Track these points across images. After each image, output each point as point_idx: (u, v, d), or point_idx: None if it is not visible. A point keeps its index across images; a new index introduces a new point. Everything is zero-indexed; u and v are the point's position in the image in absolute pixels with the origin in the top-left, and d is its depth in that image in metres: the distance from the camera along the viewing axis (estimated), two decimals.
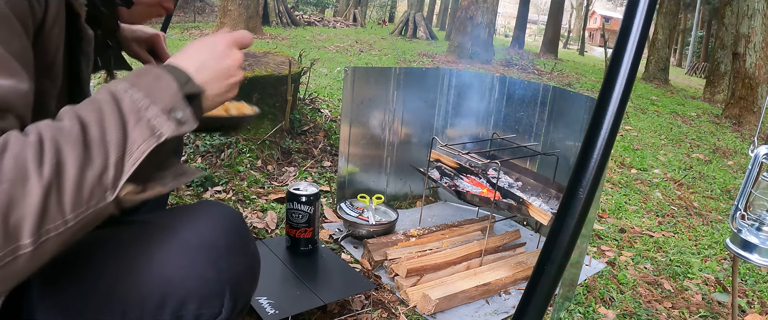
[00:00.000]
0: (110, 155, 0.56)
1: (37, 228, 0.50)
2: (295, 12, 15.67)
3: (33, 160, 0.51)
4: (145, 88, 0.61)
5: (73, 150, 0.53)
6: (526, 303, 0.56)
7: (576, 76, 9.98)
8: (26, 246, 0.50)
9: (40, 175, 0.50)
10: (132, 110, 0.59)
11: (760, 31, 6.66)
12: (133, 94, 0.60)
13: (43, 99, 0.66)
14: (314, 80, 4.82)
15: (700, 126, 6.00)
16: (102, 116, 0.57)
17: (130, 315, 0.68)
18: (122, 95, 0.60)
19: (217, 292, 0.70)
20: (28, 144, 0.52)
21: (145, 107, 0.60)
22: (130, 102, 0.59)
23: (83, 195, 0.53)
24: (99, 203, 0.55)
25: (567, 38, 36.72)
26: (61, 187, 0.52)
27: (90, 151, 0.55)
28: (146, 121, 0.59)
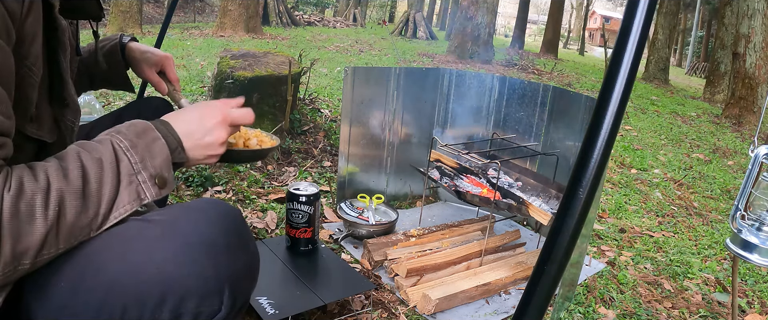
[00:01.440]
0: (101, 207, 0.70)
1: (36, 255, 0.64)
2: (295, 12, 15.67)
3: (41, 206, 0.63)
4: (142, 151, 0.74)
5: (73, 200, 0.66)
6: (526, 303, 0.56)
7: (576, 76, 9.98)
8: (25, 265, 0.64)
9: (46, 219, 0.63)
10: (127, 173, 0.72)
11: (760, 31, 6.66)
12: (131, 157, 0.73)
13: (23, 88, 0.70)
14: (314, 80, 4.82)
15: (700, 126, 6.00)
16: (102, 173, 0.70)
17: (130, 312, 0.68)
18: (122, 156, 0.73)
19: (217, 290, 0.70)
20: (38, 190, 0.64)
21: (138, 171, 0.73)
22: (127, 164, 0.72)
23: (74, 233, 0.68)
24: (83, 238, 0.70)
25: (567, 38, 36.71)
26: (59, 228, 0.65)
27: (87, 203, 0.68)
28: (136, 185, 0.73)
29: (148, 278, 0.68)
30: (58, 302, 0.71)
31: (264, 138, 1.25)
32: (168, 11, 2.13)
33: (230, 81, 2.50)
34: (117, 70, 1.23)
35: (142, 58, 1.21)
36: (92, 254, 0.71)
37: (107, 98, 3.43)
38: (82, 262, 0.71)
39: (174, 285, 0.68)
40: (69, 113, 0.86)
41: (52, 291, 0.71)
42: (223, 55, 2.82)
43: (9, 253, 0.61)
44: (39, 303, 0.72)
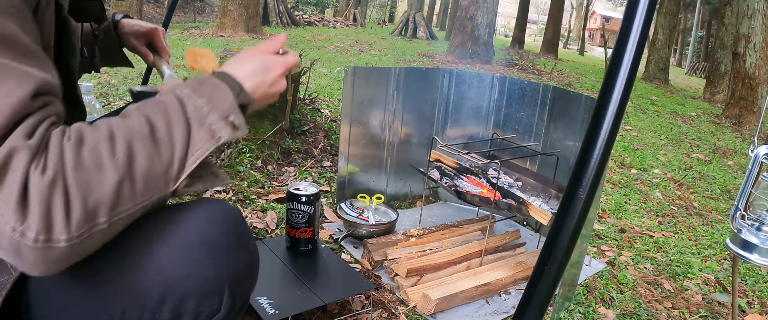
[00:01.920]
0: (175, 152, 0.64)
1: (111, 210, 0.58)
2: (295, 12, 15.67)
3: (107, 152, 0.59)
4: (206, 95, 0.69)
5: (143, 146, 0.61)
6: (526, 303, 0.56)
7: (576, 76, 9.98)
8: (102, 224, 0.58)
9: (115, 166, 0.58)
10: (195, 115, 0.67)
11: (760, 31, 6.66)
12: (196, 100, 0.68)
13: None
14: (314, 80, 4.82)
15: (700, 126, 6.00)
16: (169, 118, 0.65)
17: (130, 312, 0.68)
18: (186, 100, 0.67)
19: (216, 289, 0.70)
20: (102, 137, 0.59)
21: (207, 113, 0.67)
22: (193, 107, 0.67)
23: (151, 184, 0.62)
24: (162, 192, 0.63)
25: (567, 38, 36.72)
26: (133, 177, 0.60)
27: (158, 148, 0.62)
28: (208, 125, 0.67)
29: (147, 278, 0.68)
30: (57, 302, 0.71)
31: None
32: (168, 11, 2.13)
33: None
34: (112, 47, 1.23)
35: (131, 30, 1.22)
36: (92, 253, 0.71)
37: (107, 98, 3.44)
38: (81, 262, 0.71)
39: (174, 284, 0.68)
40: (77, 113, 0.86)
41: (52, 291, 0.71)
42: (223, 55, 2.82)
43: (80, 209, 0.56)
44: (39, 303, 0.72)
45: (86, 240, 0.57)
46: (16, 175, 0.54)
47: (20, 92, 0.56)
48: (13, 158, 0.54)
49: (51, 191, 0.55)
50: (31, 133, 0.56)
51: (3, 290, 0.68)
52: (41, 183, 0.54)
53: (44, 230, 0.54)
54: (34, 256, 0.55)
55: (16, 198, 0.53)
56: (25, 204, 0.54)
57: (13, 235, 0.54)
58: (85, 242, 0.58)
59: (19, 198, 0.53)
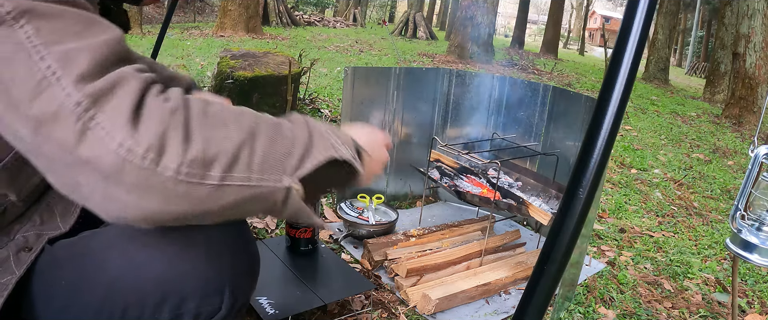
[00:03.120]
0: (296, 147, 0.62)
1: (225, 169, 0.55)
2: (295, 12, 15.67)
3: (233, 115, 0.59)
4: (326, 126, 0.69)
5: (266, 127, 0.61)
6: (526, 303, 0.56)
7: (576, 76, 9.98)
8: (213, 179, 0.54)
9: (240, 128, 0.58)
10: (317, 130, 0.66)
11: (760, 31, 6.66)
12: (318, 125, 0.68)
13: None
14: (314, 80, 4.82)
15: (700, 126, 6.00)
16: (293, 122, 0.65)
17: (130, 312, 0.68)
18: (309, 119, 0.68)
19: (217, 290, 0.70)
20: (226, 105, 0.60)
21: (328, 135, 0.67)
22: (314, 125, 0.67)
23: (269, 163, 0.59)
24: (276, 183, 0.59)
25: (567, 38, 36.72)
26: (254, 148, 0.58)
27: (279, 134, 0.61)
28: (328, 140, 0.66)
29: (148, 277, 0.68)
30: (58, 301, 0.71)
31: None
32: (168, 11, 2.12)
33: (230, 81, 2.50)
34: None
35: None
36: (93, 253, 0.71)
37: None
38: (82, 261, 0.71)
39: (174, 284, 0.68)
40: None
41: (53, 290, 0.71)
42: (223, 55, 2.82)
43: (198, 146, 0.53)
44: (39, 302, 0.72)
45: (191, 188, 0.53)
46: (131, 91, 0.53)
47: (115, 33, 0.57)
48: (128, 78, 0.54)
49: (171, 117, 0.53)
50: (142, 71, 0.56)
51: (5, 291, 0.68)
52: (161, 106, 0.53)
53: (156, 149, 0.51)
54: (136, 178, 0.51)
55: (128, 112, 0.51)
56: (137, 120, 0.52)
57: (118, 151, 0.50)
58: (189, 191, 0.53)
59: (132, 113, 0.52)
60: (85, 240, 0.74)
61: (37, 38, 0.52)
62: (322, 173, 0.64)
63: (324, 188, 0.72)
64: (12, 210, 0.73)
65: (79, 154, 0.51)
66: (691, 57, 23.77)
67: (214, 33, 9.34)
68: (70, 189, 0.54)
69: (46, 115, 0.51)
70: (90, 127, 0.51)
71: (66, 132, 0.50)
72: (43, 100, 0.51)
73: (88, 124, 0.50)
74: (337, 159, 0.65)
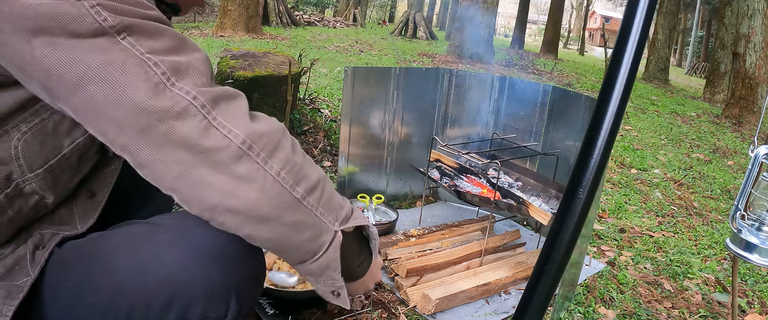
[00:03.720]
0: (345, 204, 0.77)
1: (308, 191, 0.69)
2: (295, 12, 15.67)
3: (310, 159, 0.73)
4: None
5: (328, 180, 0.75)
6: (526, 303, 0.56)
7: (576, 76, 9.98)
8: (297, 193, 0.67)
9: (316, 170, 0.72)
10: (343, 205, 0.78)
11: (760, 31, 6.66)
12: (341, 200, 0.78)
13: None
14: (314, 80, 4.82)
15: (700, 126, 6.00)
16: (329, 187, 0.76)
17: (136, 315, 0.68)
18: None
19: (224, 295, 0.70)
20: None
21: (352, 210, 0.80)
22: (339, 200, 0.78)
23: (330, 206, 0.72)
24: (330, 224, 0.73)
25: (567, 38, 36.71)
26: (325, 188, 0.72)
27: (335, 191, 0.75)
28: (355, 211, 0.80)
29: (155, 281, 0.68)
30: (64, 302, 0.71)
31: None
32: None
33: (230, 81, 2.50)
34: None
35: None
36: (100, 255, 0.71)
37: None
38: (90, 263, 0.71)
39: (181, 289, 0.68)
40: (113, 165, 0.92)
41: (59, 291, 0.71)
42: (223, 55, 2.82)
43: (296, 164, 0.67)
44: (46, 303, 0.72)
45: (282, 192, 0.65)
46: (243, 99, 0.67)
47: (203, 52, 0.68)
48: (236, 92, 0.67)
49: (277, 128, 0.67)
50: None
51: (21, 293, 0.68)
52: (269, 118, 0.68)
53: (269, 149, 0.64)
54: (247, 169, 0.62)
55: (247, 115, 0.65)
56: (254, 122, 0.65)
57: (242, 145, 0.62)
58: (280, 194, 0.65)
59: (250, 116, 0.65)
60: (92, 242, 0.74)
61: (142, 48, 0.60)
62: (353, 238, 0.79)
63: (347, 259, 0.79)
64: (42, 210, 0.73)
65: (202, 144, 0.60)
66: (691, 57, 23.77)
67: (214, 33, 9.33)
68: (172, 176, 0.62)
69: (170, 113, 0.60)
70: (214, 126, 0.61)
71: (191, 127, 0.60)
72: (164, 98, 0.59)
73: (212, 122, 0.61)
74: (368, 227, 0.82)
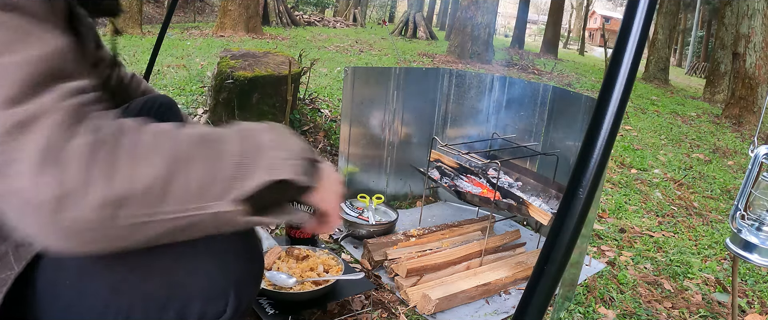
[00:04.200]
0: (234, 169, 0.60)
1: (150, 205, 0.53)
2: (295, 12, 15.67)
3: (165, 145, 0.55)
4: (278, 136, 0.67)
5: (202, 153, 0.58)
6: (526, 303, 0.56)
7: (576, 76, 9.98)
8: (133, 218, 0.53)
9: (169, 159, 0.55)
10: (260, 145, 0.64)
11: (760, 31, 6.66)
12: (266, 135, 0.66)
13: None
14: (314, 80, 4.82)
15: (700, 126, 6.00)
16: (231, 137, 0.63)
17: (135, 313, 0.68)
18: (254, 132, 0.66)
19: (222, 292, 0.70)
20: (166, 130, 0.57)
21: (273, 147, 0.65)
22: (260, 139, 0.65)
23: (201, 191, 0.56)
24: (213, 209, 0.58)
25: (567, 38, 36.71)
26: (187, 176, 0.56)
27: (216, 159, 0.59)
28: (271, 157, 0.64)
29: (153, 279, 0.67)
30: (62, 301, 0.70)
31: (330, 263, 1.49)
32: (168, 11, 2.12)
33: (230, 81, 2.50)
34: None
35: None
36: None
37: None
38: (87, 261, 0.71)
39: (180, 286, 0.68)
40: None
41: (57, 290, 0.71)
42: (223, 55, 2.82)
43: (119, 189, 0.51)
44: (43, 302, 0.71)
45: (107, 230, 0.52)
46: (46, 127, 0.50)
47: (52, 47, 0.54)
48: (48, 111, 0.50)
49: (91, 155, 0.50)
50: (67, 97, 0.52)
51: (4, 286, 0.68)
52: (81, 144, 0.50)
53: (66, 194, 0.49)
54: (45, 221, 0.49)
55: (41, 152, 0.49)
56: (50, 161, 0.49)
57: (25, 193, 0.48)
58: (106, 233, 0.52)
59: (45, 154, 0.49)
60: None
61: None
62: (270, 189, 0.62)
63: (280, 199, 0.69)
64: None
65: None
66: (691, 57, 23.77)
67: (214, 33, 9.33)
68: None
69: None
70: (3, 162, 0.49)
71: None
72: None
73: (2, 157, 0.49)
74: (276, 181, 0.62)
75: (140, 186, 0.52)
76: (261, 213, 0.64)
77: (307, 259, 1.49)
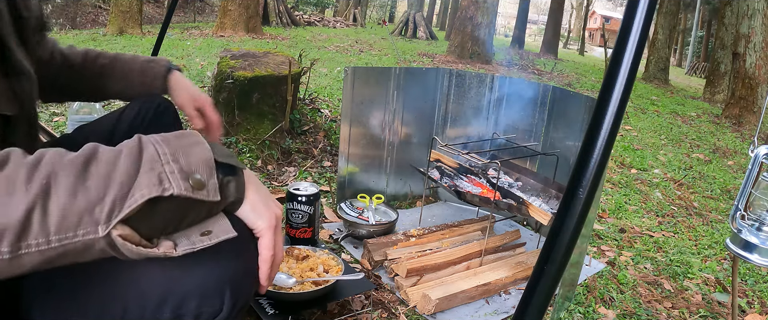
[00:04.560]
0: (110, 190, 0.57)
1: (16, 240, 0.52)
2: (295, 12, 15.67)
3: (23, 178, 0.53)
4: (177, 147, 0.63)
5: (68, 176, 0.55)
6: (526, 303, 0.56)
7: (576, 76, 9.98)
8: (3, 254, 0.52)
9: (27, 192, 0.53)
10: (149, 160, 0.60)
11: (760, 31, 6.66)
12: (161, 147, 0.62)
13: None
14: (314, 80, 4.82)
15: (700, 126, 6.00)
16: (118, 157, 0.60)
17: (131, 312, 0.68)
18: (147, 145, 0.62)
19: (218, 290, 0.70)
20: (23, 163, 0.55)
21: (165, 162, 0.61)
22: (152, 152, 0.61)
23: (70, 220, 0.54)
24: (87, 234, 0.55)
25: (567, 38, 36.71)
26: (48, 208, 0.54)
27: (87, 182, 0.56)
28: (158, 172, 0.60)
29: (149, 277, 0.67)
30: (57, 301, 0.70)
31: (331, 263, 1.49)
32: (168, 11, 2.13)
33: (230, 81, 2.50)
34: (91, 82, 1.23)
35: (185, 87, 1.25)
36: None
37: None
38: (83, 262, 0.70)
39: (175, 284, 0.68)
40: (25, 82, 0.84)
41: (52, 291, 0.71)
42: (223, 55, 2.82)
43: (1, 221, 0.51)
44: (37, 303, 0.71)
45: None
46: None
47: None
48: None
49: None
50: None
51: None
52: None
53: None
54: None
55: None
56: None
57: None
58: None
59: None
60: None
61: None
62: (162, 209, 0.60)
63: (182, 219, 0.64)
64: None
65: None
66: (691, 57, 23.77)
67: (214, 33, 9.33)
68: None
69: None
70: None
71: None
72: None
73: None
74: (162, 197, 0.58)
75: (14, 219, 0.52)
76: (161, 235, 0.62)
77: (307, 259, 1.49)
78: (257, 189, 0.72)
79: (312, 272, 1.42)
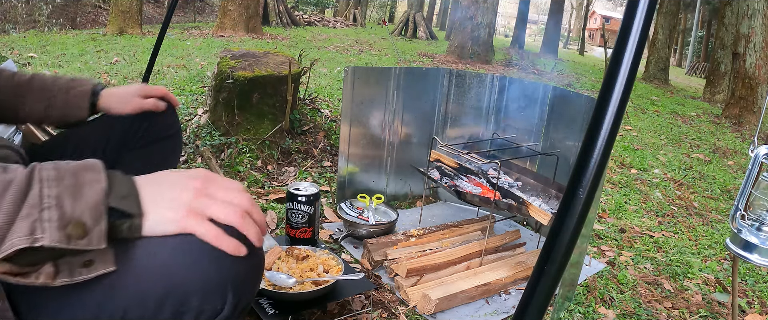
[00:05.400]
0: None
1: None
2: (295, 12, 15.67)
3: None
4: (66, 187, 0.60)
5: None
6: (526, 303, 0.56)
7: (576, 76, 9.98)
8: None
9: None
10: (30, 204, 0.58)
11: (760, 31, 6.66)
12: (47, 188, 0.60)
13: None
14: (314, 80, 4.82)
15: (700, 126, 6.00)
16: (6, 192, 0.57)
17: (131, 311, 0.68)
18: (34, 185, 0.59)
19: (220, 289, 0.70)
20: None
21: (47, 206, 0.58)
22: (35, 195, 0.59)
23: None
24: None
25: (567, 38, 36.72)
26: None
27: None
28: (33, 220, 0.58)
29: (150, 276, 0.67)
30: (56, 300, 0.70)
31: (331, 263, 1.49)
32: (168, 11, 2.12)
33: (230, 81, 2.50)
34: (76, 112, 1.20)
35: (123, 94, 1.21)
36: None
37: None
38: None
39: (176, 283, 0.67)
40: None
41: (51, 289, 0.71)
42: (223, 55, 2.82)
43: None
44: (37, 302, 0.71)
45: None
46: None
47: None
48: None
49: None
50: None
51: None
52: None
53: None
54: None
55: None
56: None
57: None
58: None
59: None
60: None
61: None
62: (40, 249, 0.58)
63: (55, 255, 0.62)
64: None
65: None
66: (691, 57, 23.77)
67: (214, 33, 9.33)
68: None
69: None
70: None
71: None
72: None
73: None
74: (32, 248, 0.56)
75: None
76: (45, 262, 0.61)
77: (307, 259, 1.49)
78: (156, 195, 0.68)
79: (312, 272, 1.42)
